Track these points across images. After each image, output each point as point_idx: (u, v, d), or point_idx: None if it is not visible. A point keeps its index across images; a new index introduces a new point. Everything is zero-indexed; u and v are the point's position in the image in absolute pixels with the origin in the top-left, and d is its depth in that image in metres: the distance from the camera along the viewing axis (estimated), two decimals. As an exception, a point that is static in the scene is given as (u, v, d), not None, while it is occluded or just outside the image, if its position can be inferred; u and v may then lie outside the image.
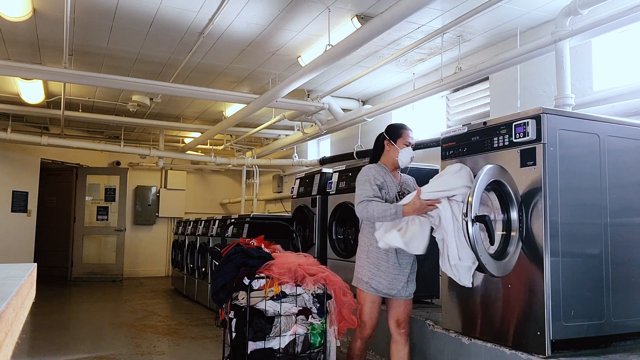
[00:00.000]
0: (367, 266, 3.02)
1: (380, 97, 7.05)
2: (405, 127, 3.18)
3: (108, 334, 5.42)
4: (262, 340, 2.80)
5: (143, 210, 11.30)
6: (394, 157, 3.14)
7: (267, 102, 5.80)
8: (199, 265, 7.40)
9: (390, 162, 3.16)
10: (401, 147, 3.12)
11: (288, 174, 10.11)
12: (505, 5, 4.21)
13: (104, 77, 5.41)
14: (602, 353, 2.63)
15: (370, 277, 3.00)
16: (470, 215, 2.60)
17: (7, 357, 0.76)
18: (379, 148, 3.22)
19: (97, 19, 4.76)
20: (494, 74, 4.87)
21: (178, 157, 9.79)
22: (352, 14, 4.54)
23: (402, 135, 3.14)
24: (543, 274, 2.56)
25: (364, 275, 3.02)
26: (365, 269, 3.03)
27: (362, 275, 3.03)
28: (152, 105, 7.55)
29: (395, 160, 3.14)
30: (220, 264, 3.03)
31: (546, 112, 2.65)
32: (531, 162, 2.65)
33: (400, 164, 3.15)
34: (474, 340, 2.93)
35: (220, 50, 5.51)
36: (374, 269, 3.00)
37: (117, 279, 10.36)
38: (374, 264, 3.00)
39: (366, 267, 3.02)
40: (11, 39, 5.32)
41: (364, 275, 3.02)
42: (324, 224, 4.91)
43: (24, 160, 9.12)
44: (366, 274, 3.01)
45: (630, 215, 2.91)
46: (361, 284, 3.04)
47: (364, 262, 3.05)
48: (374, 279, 2.99)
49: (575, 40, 3.77)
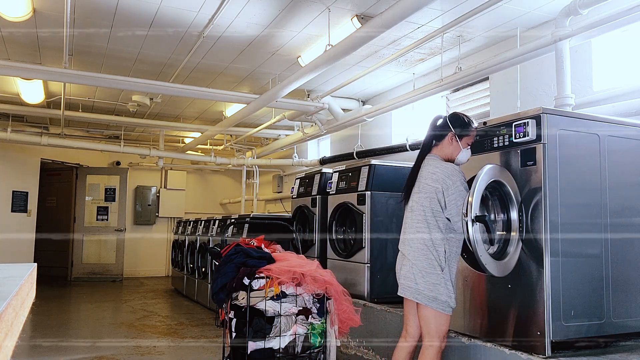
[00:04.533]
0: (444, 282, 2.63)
1: (380, 97, 7.05)
2: (474, 127, 2.82)
3: (108, 334, 5.41)
4: (262, 340, 2.80)
5: (143, 210, 11.30)
6: (453, 154, 2.79)
7: (267, 102, 5.80)
8: (199, 265, 7.40)
9: (447, 158, 2.80)
10: (464, 146, 2.79)
11: (288, 174, 10.11)
12: (505, 5, 4.20)
13: (104, 77, 5.41)
14: (602, 353, 2.63)
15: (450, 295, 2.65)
16: (470, 215, 2.60)
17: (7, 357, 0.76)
18: (438, 136, 2.81)
19: (97, 19, 4.76)
20: (494, 74, 4.87)
21: (178, 157, 9.79)
22: (352, 14, 4.53)
23: (469, 134, 2.80)
24: (543, 274, 2.56)
25: (442, 294, 2.62)
26: (441, 285, 2.62)
27: (440, 294, 2.62)
28: (152, 105, 7.55)
29: (453, 158, 2.79)
30: (220, 264, 3.03)
31: (546, 112, 2.65)
32: (531, 162, 2.65)
33: (457, 162, 2.80)
34: (474, 340, 2.93)
35: (220, 50, 5.51)
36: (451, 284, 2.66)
37: (117, 279, 10.36)
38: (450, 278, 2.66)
39: (443, 283, 2.63)
40: (11, 39, 5.32)
41: (442, 294, 2.62)
42: (324, 224, 4.91)
43: (24, 160, 9.11)
44: (445, 292, 2.62)
45: (630, 215, 2.91)
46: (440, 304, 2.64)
47: (439, 278, 2.63)
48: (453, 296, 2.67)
49: (575, 40, 3.77)
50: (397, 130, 6.78)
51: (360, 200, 4.31)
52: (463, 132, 2.77)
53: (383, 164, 4.41)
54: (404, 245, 2.78)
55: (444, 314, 2.63)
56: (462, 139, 2.77)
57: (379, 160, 4.48)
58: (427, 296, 2.62)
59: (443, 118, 2.84)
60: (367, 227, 4.20)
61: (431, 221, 2.66)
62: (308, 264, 3.07)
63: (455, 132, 2.76)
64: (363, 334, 3.99)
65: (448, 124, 2.79)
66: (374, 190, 4.25)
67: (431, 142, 2.83)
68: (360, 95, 7.19)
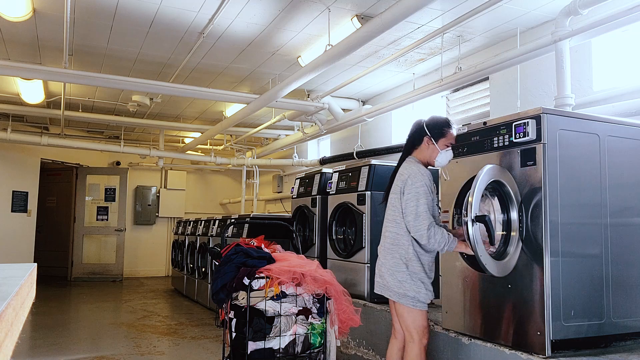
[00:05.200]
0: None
1: (380, 97, 7.05)
2: (450, 126, 2.88)
3: (108, 334, 5.41)
4: (262, 340, 2.80)
5: (143, 210, 11.30)
6: (431, 157, 2.86)
7: (267, 102, 5.80)
8: (199, 265, 7.40)
9: (426, 161, 2.88)
10: (442, 147, 2.85)
11: (288, 174, 10.11)
12: (505, 5, 4.21)
13: (104, 77, 5.41)
14: (602, 353, 2.63)
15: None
16: (471, 215, 2.60)
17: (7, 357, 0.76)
18: (417, 141, 2.90)
19: (97, 19, 4.76)
20: (494, 74, 4.87)
21: (178, 157, 9.79)
22: (352, 14, 4.53)
23: (445, 135, 2.85)
24: (543, 274, 2.56)
25: (410, 290, 2.74)
26: (408, 282, 2.75)
27: (407, 291, 2.74)
28: (152, 105, 7.55)
29: (432, 160, 2.87)
30: (220, 264, 3.03)
31: (546, 112, 2.65)
32: (531, 162, 2.65)
33: (437, 165, 2.88)
34: (474, 340, 2.93)
35: (220, 50, 5.51)
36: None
37: (117, 279, 10.36)
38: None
39: (409, 280, 2.75)
40: (11, 39, 5.32)
41: (410, 290, 2.74)
42: (324, 224, 4.91)
43: (24, 160, 9.11)
44: (412, 289, 2.74)
45: (630, 215, 2.91)
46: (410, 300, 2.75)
47: (405, 275, 2.76)
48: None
49: (575, 40, 3.77)
50: (397, 130, 6.78)
51: (360, 200, 4.32)
52: (437, 134, 2.84)
53: (383, 164, 4.41)
54: (380, 244, 2.94)
55: (415, 309, 2.72)
56: (439, 141, 2.85)
57: (379, 160, 4.48)
58: (397, 293, 2.74)
59: (420, 122, 2.93)
60: (367, 227, 4.21)
61: (399, 220, 2.79)
62: (308, 264, 3.07)
63: (431, 134, 2.85)
64: (363, 334, 4.00)
65: (424, 127, 2.88)
66: (374, 190, 4.25)
67: (411, 146, 2.92)
68: (360, 95, 7.19)
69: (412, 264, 2.73)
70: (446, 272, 3.21)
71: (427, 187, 2.73)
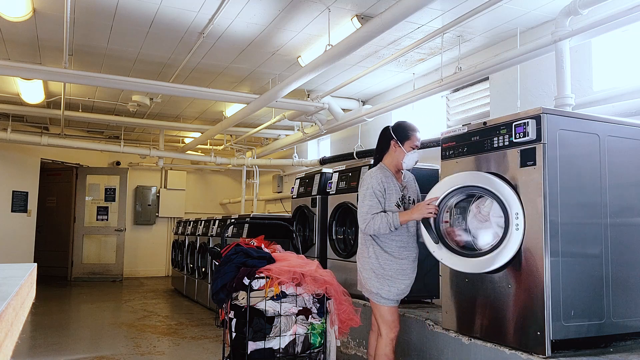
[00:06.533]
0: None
1: (380, 97, 7.05)
2: (414, 130, 3.10)
3: (108, 334, 5.42)
4: (262, 340, 2.80)
5: (143, 210, 11.31)
6: (398, 160, 3.08)
7: (267, 102, 5.80)
8: (199, 265, 7.40)
9: (394, 164, 3.10)
10: (408, 150, 3.06)
11: (288, 174, 10.11)
12: (505, 5, 4.21)
13: (104, 77, 5.41)
14: (602, 353, 2.63)
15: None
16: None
17: (7, 357, 0.76)
18: (384, 146, 3.14)
19: (97, 19, 4.76)
20: (494, 74, 4.87)
21: (178, 157, 9.79)
22: (352, 14, 4.54)
23: (410, 138, 3.07)
24: (543, 274, 2.56)
25: (374, 287, 3.00)
26: (372, 280, 3.02)
27: (372, 287, 3.01)
28: (152, 105, 7.55)
29: (399, 163, 3.08)
30: (220, 264, 3.03)
31: (546, 112, 2.64)
32: (531, 162, 2.65)
33: (404, 166, 3.10)
34: (474, 340, 2.93)
35: (220, 50, 5.51)
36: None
37: (117, 279, 10.36)
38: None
39: (374, 278, 3.02)
40: (11, 39, 5.32)
41: (374, 287, 3.00)
42: (324, 224, 4.91)
43: (24, 160, 9.12)
44: (375, 286, 3.01)
45: (630, 215, 2.91)
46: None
47: (370, 273, 3.03)
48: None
49: (575, 40, 3.77)
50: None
51: (360, 200, 4.31)
52: (403, 137, 3.06)
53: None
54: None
55: (379, 305, 2.97)
56: (405, 143, 3.07)
57: (379, 160, 4.47)
58: (366, 290, 3.01)
59: (387, 127, 3.17)
60: (367, 227, 4.20)
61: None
62: (308, 264, 3.07)
63: (397, 138, 3.07)
64: (363, 334, 4.00)
65: (390, 131, 3.12)
66: (374, 190, 4.24)
67: (380, 151, 3.16)
68: (360, 95, 7.19)
69: (373, 263, 2.96)
70: (446, 272, 3.21)
71: (372, 189, 2.96)
